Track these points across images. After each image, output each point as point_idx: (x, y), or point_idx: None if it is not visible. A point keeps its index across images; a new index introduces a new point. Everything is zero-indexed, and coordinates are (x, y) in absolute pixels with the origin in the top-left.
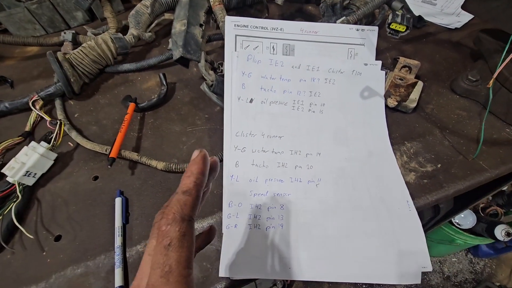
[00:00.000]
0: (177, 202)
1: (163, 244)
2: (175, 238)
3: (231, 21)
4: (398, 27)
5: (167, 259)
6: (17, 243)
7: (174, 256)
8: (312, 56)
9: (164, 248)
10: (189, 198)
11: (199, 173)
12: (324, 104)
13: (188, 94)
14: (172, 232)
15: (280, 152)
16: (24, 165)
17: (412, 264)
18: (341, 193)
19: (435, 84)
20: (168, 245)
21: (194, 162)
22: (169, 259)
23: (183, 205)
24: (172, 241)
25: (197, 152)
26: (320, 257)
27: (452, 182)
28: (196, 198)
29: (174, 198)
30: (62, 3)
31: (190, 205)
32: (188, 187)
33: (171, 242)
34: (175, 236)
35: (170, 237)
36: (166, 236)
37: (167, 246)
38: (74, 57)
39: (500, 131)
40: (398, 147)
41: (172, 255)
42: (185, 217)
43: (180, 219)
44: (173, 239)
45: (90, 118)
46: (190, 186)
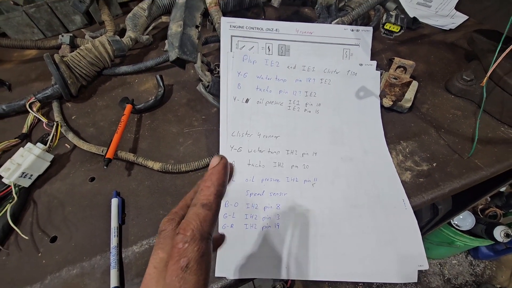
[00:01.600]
0: (196, 217)
1: (180, 265)
2: (193, 260)
3: (226, 22)
4: (392, 27)
5: (184, 283)
6: (13, 244)
7: (192, 280)
8: (308, 56)
9: (181, 270)
10: (209, 213)
11: (220, 185)
12: (320, 104)
13: (185, 96)
14: (190, 252)
15: (276, 152)
16: (20, 166)
17: (408, 262)
18: (337, 192)
19: (430, 84)
20: (185, 266)
21: (216, 171)
22: (186, 283)
23: (203, 221)
24: (190, 263)
25: (217, 159)
26: (316, 256)
27: (448, 181)
28: (216, 212)
29: (192, 212)
30: (60, 7)
31: (210, 221)
32: (209, 200)
33: (189, 264)
34: (193, 256)
35: (188, 257)
36: (184, 256)
37: (184, 267)
38: (71, 59)
39: (495, 130)
40: (394, 146)
41: (190, 278)
42: (205, 234)
43: (199, 238)
44: (191, 261)
45: (87, 120)
46: (210, 199)
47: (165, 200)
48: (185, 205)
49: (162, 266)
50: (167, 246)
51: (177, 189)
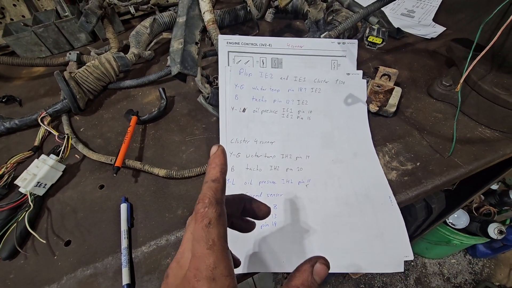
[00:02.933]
0: (209, 189)
1: (204, 223)
2: (214, 218)
3: (223, 39)
4: (375, 39)
5: (209, 235)
6: (30, 248)
7: (215, 232)
8: (299, 68)
9: (205, 226)
10: (218, 185)
11: (222, 164)
12: (312, 111)
13: (186, 107)
14: (210, 213)
15: (272, 156)
16: (35, 176)
17: (395, 254)
18: (329, 192)
19: (414, 89)
20: (208, 223)
21: (216, 155)
22: (211, 235)
23: (215, 191)
24: (211, 220)
25: (216, 147)
26: (311, 251)
27: (430, 178)
28: (224, 184)
29: (206, 186)
30: (66, 26)
31: (220, 190)
32: (216, 176)
33: (211, 221)
34: (213, 216)
35: (209, 217)
36: (206, 216)
37: (207, 224)
38: (80, 76)
39: (473, 130)
40: (380, 148)
41: (212, 231)
42: (219, 200)
43: (215, 202)
44: (212, 219)
45: (95, 132)
46: (217, 175)
47: (170, 204)
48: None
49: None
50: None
51: (181, 193)
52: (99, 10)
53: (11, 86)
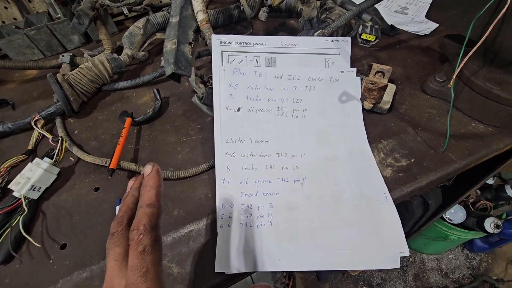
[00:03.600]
0: (144, 215)
1: (138, 250)
2: (149, 245)
3: (217, 39)
4: (368, 37)
5: (144, 262)
6: (25, 253)
7: (149, 259)
8: (293, 66)
9: (140, 254)
10: (154, 210)
11: (157, 186)
12: (306, 110)
13: (181, 107)
14: (145, 240)
15: (267, 155)
16: (29, 180)
17: (391, 250)
18: (324, 189)
19: (408, 86)
20: (143, 251)
21: (151, 176)
22: (145, 262)
23: (150, 216)
24: (146, 247)
25: (150, 167)
26: (307, 249)
27: (425, 174)
28: (159, 208)
29: (140, 211)
30: (59, 28)
31: (156, 216)
32: (152, 200)
33: (145, 248)
34: (148, 243)
35: (144, 244)
36: (141, 244)
37: (142, 251)
38: (73, 78)
39: (466, 125)
40: (375, 145)
41: (147, 258)
42: (154, 226)
43: (150, 229)
44: (147, 246)
45: (89, 134)
46: (153, 199)
47: (166, 205)
48: (128, 209)
49: (121, 259)
50: (122, 242)
51: (177, 194)
52: (91, 12)
53: (4, 89)
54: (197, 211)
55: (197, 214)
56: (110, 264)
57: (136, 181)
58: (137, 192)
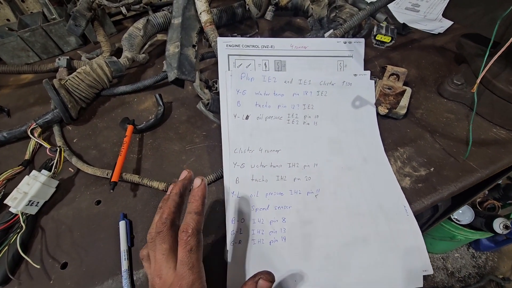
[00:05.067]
0: (192, 220)
1: (187, 249)
2: (195, 245)
3: (222, 42)
4: (383, 38)
5: (190, 259)
6: (24, 273)
7: (194, 257)
8: (303, 70)
9: (188, 252)
10: (199, 217)
11: (204, 197)
12: (318, 116)
13: (184, 113)
14: (192, 242)
15: (278, 166)
16: (26, 194)
17: (413, 268)
18: (339, 202)
19: (423, 89)
20: (190, 250)
21: (200, 189)
22: (191, 259)
23: (197, 222)
24: (192, 247)
25: (199, 180)
26: (323, 268)
27: (446, 185)
28: (203, 216)
29: (189, 217)
30: (55, 30)
31: (201, 222)
32: (199, 209)
33: (192, 248)
34: (194, 244)
35: (191, 245)
36: (188, 244)
37: (189, 250)
38: (70, 83)
39: (487, 131)
40: (391, 153)
41: (193, 256)
42: (199, 230)
43: (196, 232)
44: (193, 246)
45: (89, 143)
46: (200, 208)
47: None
48: (171, 212)
49: (167, 253)
50: (167, 239)
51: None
52: (88, 13)
53: None
54: (205, 227)
55: (205, 230)
56: (158, 257)
57: (175, 187)
58: (177, 198)
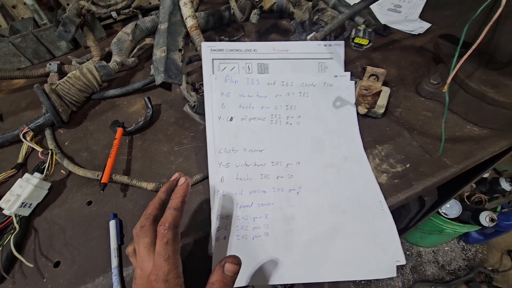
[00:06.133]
0: (171, 215)
1: (164, 241)
2: (171, 238)
3: (207, 46)
4: (361, 41)
5: (166, 250)
6: (18, 272)
7: (170, 249)
8: (286, 72)
9: (164, 244)
10: (178, 213)
11: (184, 196)
12: (300, 116)
13: (173, 115)
14: (168, 235)
15: (262, 165)
16: (19, 197)
17: (387, 259)
18: (321, 198)
19: (402, 88)
20: (166, 242)
21: (182, 187)
22: (167, 251)
23: (175, 218)
24: (169, 240)
25: (183, 179)
26: (304, 260)
27: (421, 180)
28: (182, 213)
29: (168, 212)
30: (45, 35)
31: (179, 218)
32: (178, 205)
33: (168, 241)
34: (170, 237)
35: (167, 237)
36: (165, 237)
37: (166, 243)
38: (61, 88)
39: (462, 128)
40: (370, 151)
41: (169, 248)
42: (176, 225)
43: (173, 227)
44: (169, 239)
45: (80, 145)
46: (179, 205)
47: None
48: (155, 208)
49: (148, 246)
50: (149, 234)
51: None
52: (77, 19)
53: None
54: (192, 224)
55: (192, 227)
56: (140, 250)
57: (163, 186)
58: (163, 195)
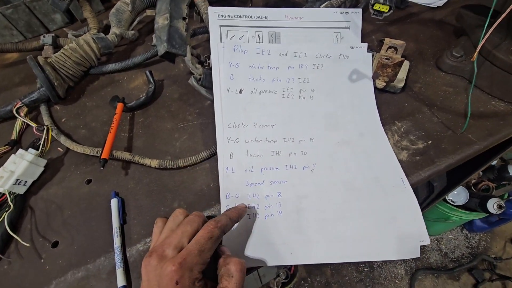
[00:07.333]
0: (225, 220)
1: (208, 235)
2: (215, 236)
3: (214, 12)
4: (381, 7)
5: (206, 244)
6: (13, 252)
7: (209, 245)
8: (299, 42)
9: (208, 238)
10: (230, 222)
11: (240, 216)
12: (314, 90)
13: (176, 90)
14: (215, 233)
15: (273, 141)
16: (13, 173)
17: (410, 239)
18: (336, 176)
19: (421, 63)
20: (210, 237)
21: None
22: (207, 245)
23: (227, 224)
24: (212, 237)
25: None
26: (319, 240)
27: (443, 157)
28: (232, 224)
29: (223, 216)
30: (38, 6)
31: (229, 227)
32: (232, 217)
33: (213, 237)
34: (215, 236)
35: (213, 234)
36: (211, 232)
37: (209, 237)
38: (56, 60)
39: (486, 104)
40: (389, 127)
41: (209, 244)
42: (225, 230)
43: (222, 230)
44: (214, 236)
45: (78, 122)
46: (234, 216)
47: (165, 196)
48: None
49: (187, 234)
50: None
51: (176, 184)
52: None
53: None
54: (199, 203)
55: (200, 206)
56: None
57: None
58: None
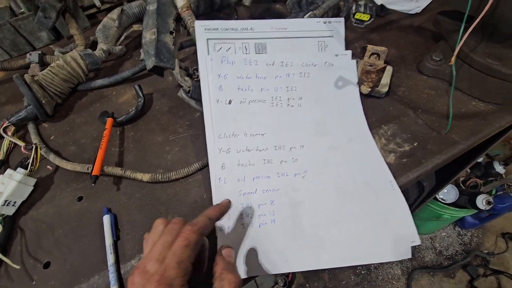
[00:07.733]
0: (203, 222)
1: (184, 243)
2: (192, 243)
3: (201, 26)
4: (362, 16)
5: (182, 253)
6: (3, 276)
7: (186, 253)
8: (285, 52)
9: (184, 246)
10: (210, 223)
11: (222, 213)
12: (302, 98)
13: (166, 104)
14: (191, 238)
15: (264, 149)
16: (1, 194)
17: (401, 240)
18: (327, 182)
19: (403, 67)
20: (186, 245)
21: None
22: (183, 254)
23: (205, 226)
24: (189, 244)
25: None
26: (314, 246)
27: (430, 158)
28: (212, 225)
29: (201, 218)
30: (24, 25)
31: (209, 227)
32: (212, 217)
33: (188, 244)
34: (192, 241)
35: (189, 240)
36: (187, 239)
37: (185, 245)
38: (43, 78)
39: (467, 104)
40: (376, 131)
41: (187, 252)
42: (203, 233)
43: (200, 233)
44: (190, 243)
45: (67, 139)
46: (213, 217)
47: (158, 210)
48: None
49: (168, 244)
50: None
51: (169, 197)
52: (58, 3)
53: None
54: (193, 215)
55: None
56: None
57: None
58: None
